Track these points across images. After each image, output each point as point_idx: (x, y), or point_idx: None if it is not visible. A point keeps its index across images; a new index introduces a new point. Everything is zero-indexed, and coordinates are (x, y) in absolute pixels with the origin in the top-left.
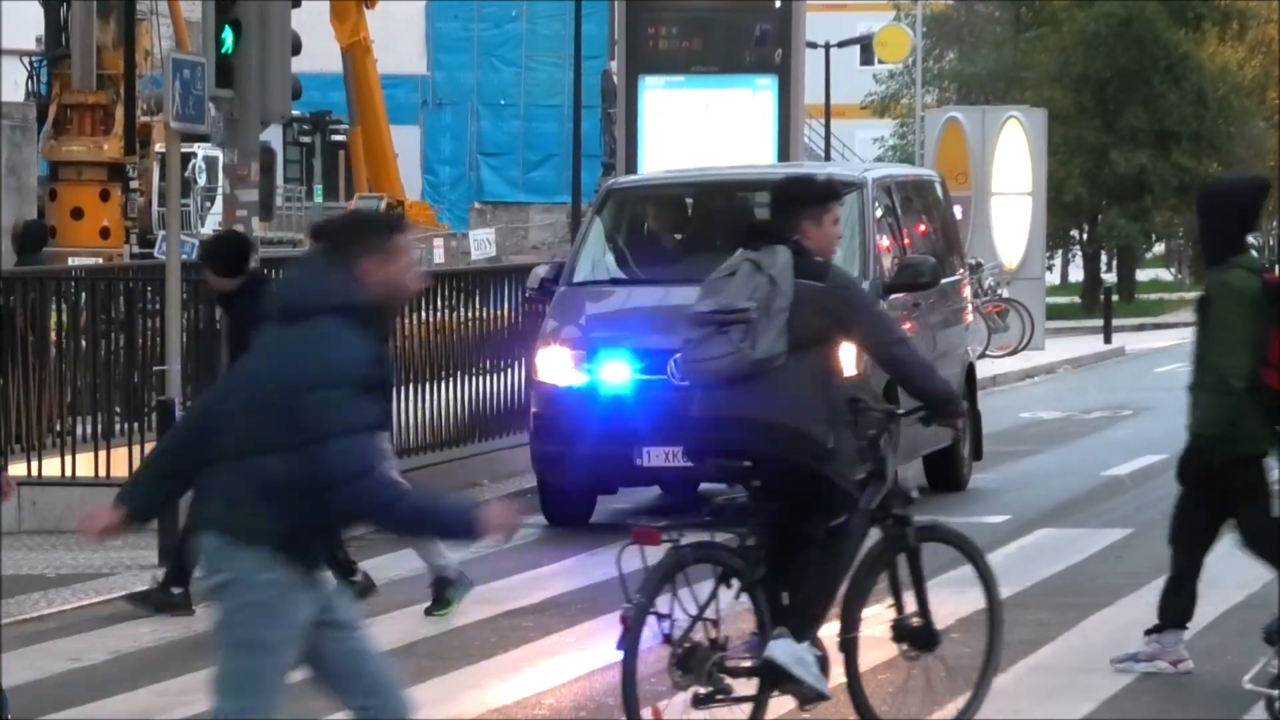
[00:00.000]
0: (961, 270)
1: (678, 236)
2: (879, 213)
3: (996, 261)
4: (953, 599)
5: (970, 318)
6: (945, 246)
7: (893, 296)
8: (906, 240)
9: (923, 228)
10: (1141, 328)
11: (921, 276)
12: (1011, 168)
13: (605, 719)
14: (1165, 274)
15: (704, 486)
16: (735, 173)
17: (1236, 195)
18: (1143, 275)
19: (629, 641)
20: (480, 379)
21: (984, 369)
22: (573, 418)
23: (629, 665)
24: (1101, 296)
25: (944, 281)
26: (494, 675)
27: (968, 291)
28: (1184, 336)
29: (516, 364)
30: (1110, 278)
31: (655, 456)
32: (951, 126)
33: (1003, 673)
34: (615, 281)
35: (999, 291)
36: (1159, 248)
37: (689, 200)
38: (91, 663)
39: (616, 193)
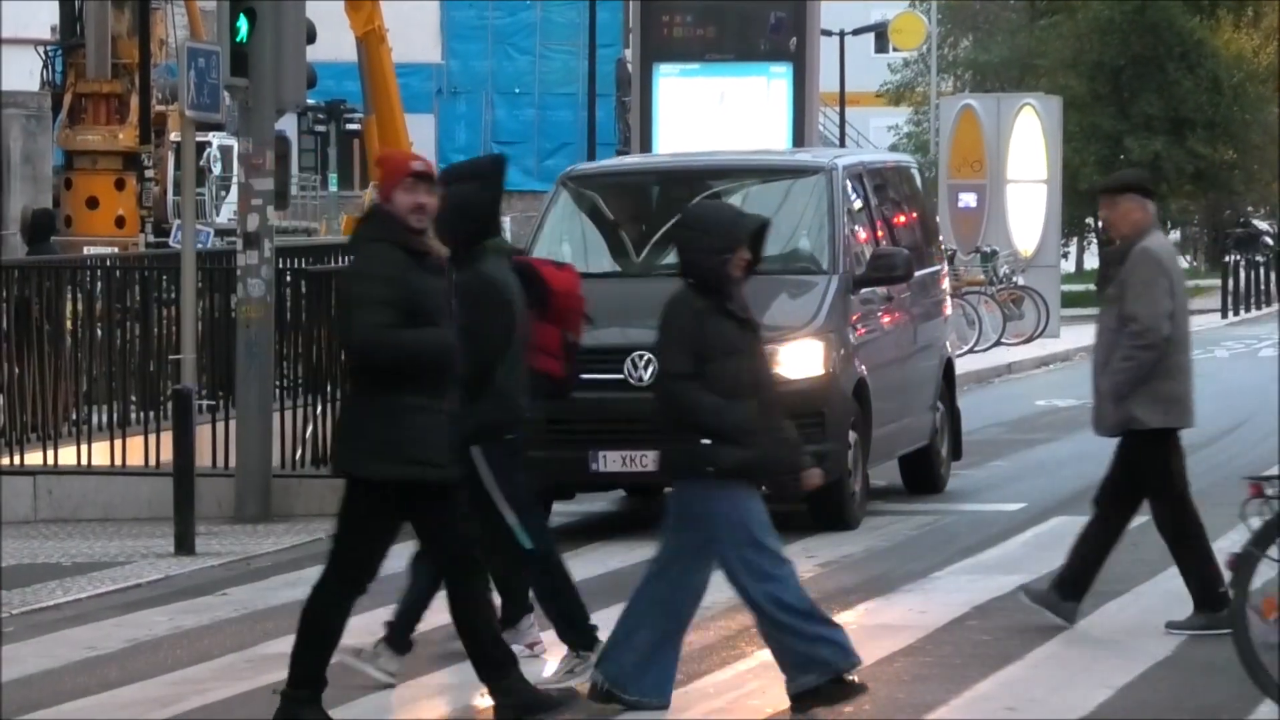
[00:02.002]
0: (940, 262)
1: (638, 228)
2: (850, 202)
3: (1011, 249)
4: (968, 586)
5: (949, 311)
6: (922, 237)
7: (864, 290)
8: (880, 231)
9: (898, 218)
10: None
11: (894, 269)
12: (1026, 155)
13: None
14: (1181, 261)
15: None
16: (698, 159)
17: (483, 182)
18: None
19: (1238, 583)
20: None
21: (999, 356)
22: None
23: (1239, 605)
24: None
25: (921, 274)
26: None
27: (946, 284)
28: (1199, 324)
29: None
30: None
31: (611, 461)
32: (966, 114)
33: (1018, 660)
34: None
35: (1014, 279)
36: (1174, 235)
37: (650, 189)
38: (107, 651)
39: (573, 181)
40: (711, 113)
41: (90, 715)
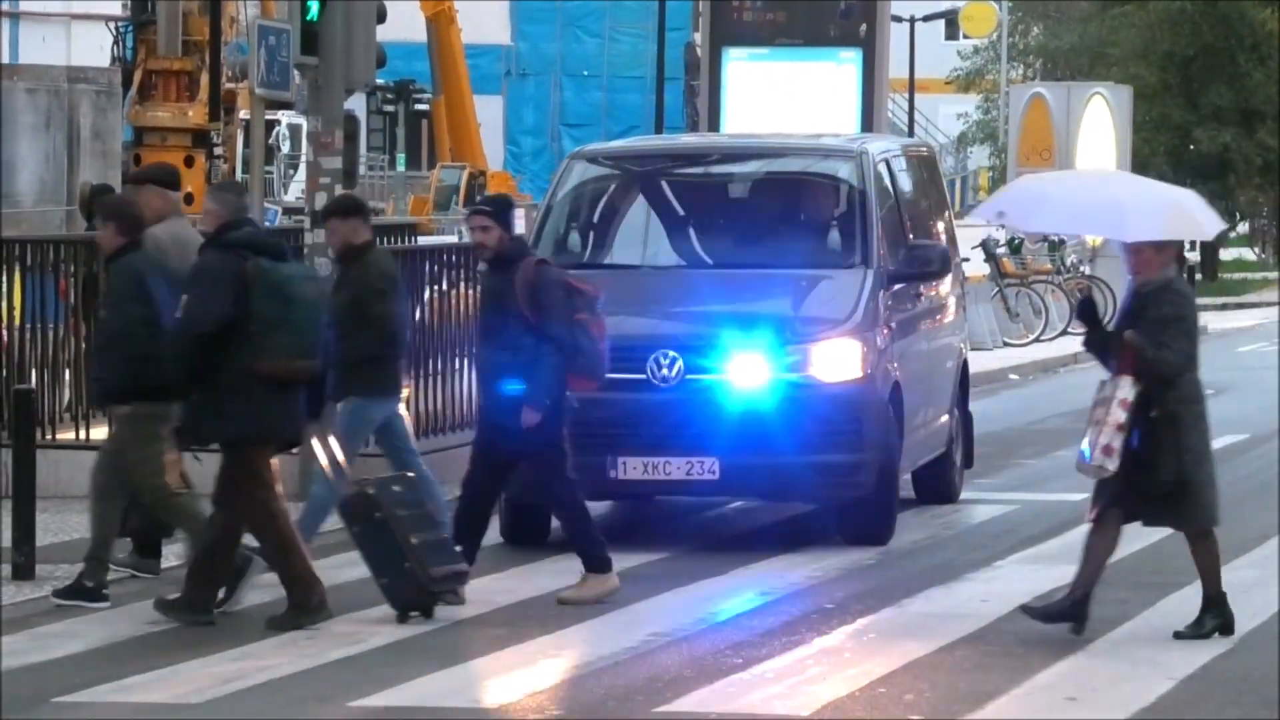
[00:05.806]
0: (954, 257)
1: (657, 214)
2: (882, 192)
3: (1079, 239)
4: (1030, 575)
5: (962, 310)
6: (941, 228)
7: (895, 286)
8: (909, 223)
9: (924, 208)
10: (1225, 307)
11: (930, 264)
12: (1096, 144)
13: (675, 696)
14: (1249, 253)
15: None
16: (720, 141)
17: None
18: (1226, 254)
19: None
20: None
21: (1066, 346)
22: None
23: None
24: (1185, 275)
25: None
26: (571, 645)
27: (961, 283)
28: (1268, 316)
29: None
30: (1194, 256)
31: (632, 468)
32: (1036, 102)
33: (1079, 650)
34: (581, 265)
35: (1081, 268)
36: (1243, 227)
37: (671, 172)
38: (170, 627)
39: (583, 162)
40: (780, 97)
41: (154, 690)
